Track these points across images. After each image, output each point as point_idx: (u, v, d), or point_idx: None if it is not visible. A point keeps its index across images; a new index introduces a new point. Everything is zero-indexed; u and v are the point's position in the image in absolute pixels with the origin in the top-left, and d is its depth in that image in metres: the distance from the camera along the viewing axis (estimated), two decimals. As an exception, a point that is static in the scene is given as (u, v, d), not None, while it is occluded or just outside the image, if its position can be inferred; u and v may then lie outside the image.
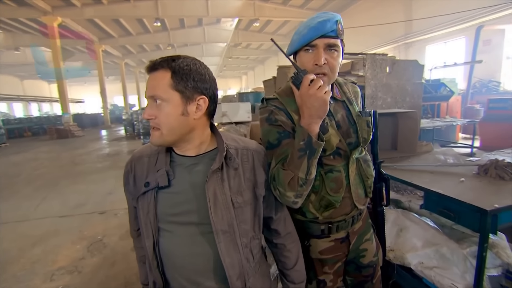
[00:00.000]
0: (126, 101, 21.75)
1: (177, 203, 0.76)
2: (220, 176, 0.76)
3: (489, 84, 7.02)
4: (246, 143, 0.85)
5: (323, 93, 0.80)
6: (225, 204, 0.75)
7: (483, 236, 1.33)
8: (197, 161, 0.78)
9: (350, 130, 0.99)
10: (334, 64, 0.89)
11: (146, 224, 0.77)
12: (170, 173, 0.76)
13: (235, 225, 0.76)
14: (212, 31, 17.43)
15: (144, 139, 8.60)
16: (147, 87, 0.72)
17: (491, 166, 1.76)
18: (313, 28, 0.86)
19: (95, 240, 3.04)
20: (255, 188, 0.81)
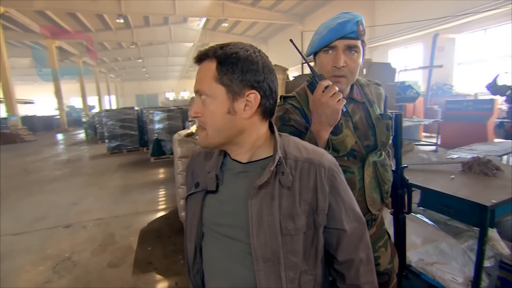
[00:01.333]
0: (85, 103, 20.17)
1: (222, 213, 0.67)
2: (270, 193, 0.62)
3: (444, 87, 7.75)
4: (311, 154, 0.67)
5: (336, 102, 0.79)
6: (272, 227, 0.61)
7: (483, 231, 1.39)
8: (248, 169, 0.67)
9: (369, 133, 0.97)
10: (353, 66, 0.87)
11: (191, 226, 0.72)
12: (219, 177, 0.68)
13: (280, 254, 0.62)
14: (178, 30, 16.86)
15: (109, 142, 7.97)
16: (195, 81, 0.63)
17: (475, 163, 1.86)
18: (333, 29, 0.84)
19: (61, 259, 2.70)
20: (314, 214, 0.65)
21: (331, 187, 0.66)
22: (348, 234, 0.68)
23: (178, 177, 2.83)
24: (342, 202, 0.67)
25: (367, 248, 0.71)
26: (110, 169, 6.31)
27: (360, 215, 0.71)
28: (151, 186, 4.85)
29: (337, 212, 0.67)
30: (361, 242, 0.70)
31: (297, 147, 0.68)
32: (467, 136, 4.78)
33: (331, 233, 0.69)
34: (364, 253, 0.70)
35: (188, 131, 3.34)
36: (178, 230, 3.09)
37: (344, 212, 0.68)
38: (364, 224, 0.71)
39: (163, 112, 7.10)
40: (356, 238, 0.69)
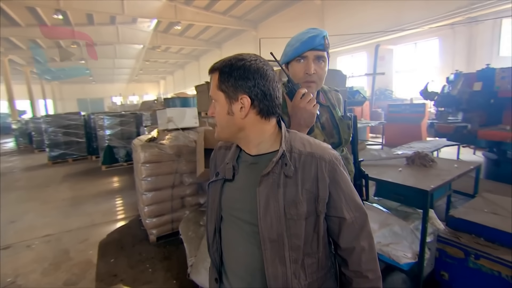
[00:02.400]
0: (13, 107, 17.65)
1: (236, 199, 0.78)
2: (276, 182, 0.71)
3: (385, 92, 8.74)
4: (314, 148, 0.75)
5: (312, 106, 0.95)
6: (277, 212, 0.70)
7: (425, 212, 1.65)
8: (257, 161, 0.76)
9: (333, 132, 1.15)
10: (321, 73, 1.04)
11: (212, 210, 0.82)
12: (236, 168, 0.79)
13: (284, 236, 0.70)
14: (127, 31, 15.87)
15: (51, 151, 7.16)
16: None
17: (416, 157, 2.19)
18: (305, 42, 1.01)
19: (4, 284, 2.38)
20: (315, 202, 0.72)
21: (332, 179, 0.73)
22: (349, 223, 0.74)
23: (142, 183, 2.72)
24: (342, 193, 0.74)
25: (369, 237, 0.76)
26: (54, 181, 5.69)
27: (361, 206, 0.77)
28: (106, 196, 4.52)
29: (337, 201, 0.74)
30: (363, 231, 0.75)
31: (302, 142, 0.76)
32: (405, 136, 5.47)
33: (333, 221, 0.75)
34: (366, 241, 0.75)
35: (149, 136, 3.23)
36: (142, 239, 2.96)
37: (344, 202, 0.74)
38: (366, 215, 0.77)
39: (115, 117, 6.65)
40: (358, 227, 0.75)
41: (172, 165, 2.81)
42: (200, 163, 2.45)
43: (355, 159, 1.26)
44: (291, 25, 11.62)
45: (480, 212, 1.75)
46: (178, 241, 2.69)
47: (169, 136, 2.87)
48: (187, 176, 2.87)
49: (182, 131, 2.98)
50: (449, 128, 3.84)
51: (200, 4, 13.09)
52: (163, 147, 2.76)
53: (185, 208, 2.94)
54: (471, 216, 1.70)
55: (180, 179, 2.87)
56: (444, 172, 1.94)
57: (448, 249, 1.66)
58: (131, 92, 30.33)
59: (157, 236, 2.86)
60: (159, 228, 2.86)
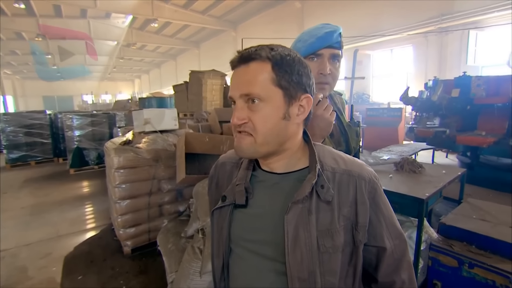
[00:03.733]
0: (-32, 104, 16.09)
1: (253, 228, 0.63)
2: (307, 207, 0.57)
3: (363, 96, 8.97)
4: (350, 165, 0.62)
5: (329, 114, 0.84)
6: (309, 245, 0.57)
7: (421, 220, 1.60)
8: (282, 181, 0.62)
9: (341, 139, 1.04)
10: (336, 74, 0.92)
11: (219, 242, 0.67)
12: (249, 190, 0.63)
13: (317, 274, 0.57)
14: (100, 26, 15.06)
15: (9, 153, 6.51)
16: (235, 84, 0.58)
17: (405, 163, 2.17)
18: (321, 38, 0.88)
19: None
20: (353, 230, 0.60)
21: (372, 201, 0.61)
22: (389, 253, 0.63)
23: (115, 191, 2.47)
24: (383, 217, 0.62)
25: (409, 267, 0.65)
26: (13, 186, 5.14)
27: (401, 232, 0.66)
28: (73, 203, 4.13)
29: (377, 228, 0.62)
30: (403, 261, 0.64)
31: (334, 158, 0.64)
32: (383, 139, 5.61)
33: (371, 251, 0.63)
34: (406, 273, 0.64)
35: (124, 138, 2.97)
36: (114, 251, 2.69)
37: (385, 228, 0.62)
38: (406, 242, 0.66)
39: (85, 117, 6.19)
40: (397, 257, 0.63)
41: (150, 170, 2.59)
42: (180, 168, 2.26)
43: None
44: (271, 27, 11.64)
45: (470, 219, 1.74)
46: (156, 252, 2.47)
47: (146, 139, 2.64)
48: (166, 183, 2.66)
49: (161, 134, 2.77)
50: (428, 133, 3.95)
51: (178, 2, 12.75)
52: (139, 151, 2.53)
53: (163, 216, 2.72)
54: (462, 223, 1.68)
55: (158, 185, 2.65)
56: (435, 178, 1.92)
57: (441, 258, 1.63)
58: (103, 91, 28.85)
59: (132, 248, 2.62)
60: (134, 239, 2.62)
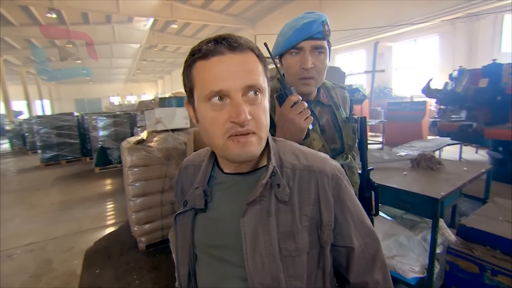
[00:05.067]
0: (8, 108, 17.41)
1: (214, 233, 0.59)
2: (266, 209, 0.54)
3: (384, 90, 8.60)
4: (311, 160, 0.58)
5: (303, 120, 0.77)
6: (269, 249, 0.52)
7: (435, 221, 1.49)
8: (241, 182, 0.58)
9: (335, 136, 0.97)
10: (321, 67, 0.87)
11: (183, 249, 0.63)
12: (208, 193, 0.60)
13: (281, 280, 0.53)
14: (123, 30, 15.70)
15: (44, 153, 6.98)
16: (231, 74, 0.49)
17: (421, 160, 2.03)
18: (299, 29, 0.82)
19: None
20: (318, 230, 0.56)
21: (337, 198, 0.57)
22: (359, 252, 0.58)
23: (129, 189, 2.56)
24: (350, 215, 0.58)
25: (383, 267, 0.61)
26: (46, 184, 5.51)
27: (372, 229, 0.62)
28: (97, 200, 4.34)
29: (344, 227, 0.58)
30: (376, 261, 0.60)
31: (295, 153, 0.60)
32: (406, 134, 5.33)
33: (340, 252, 0.59)
34: (380, 273, 0.60)
35: (138, 137, 3.06)
36: (130, 247, 2.79)
37: (353, 227, 0.58)
38: (378, 240, 0.62)
39: (108, 117, 6.48)
40: (369, 257, 0.59)
41: (161, 168, 2.64)
42: (190, 167, 2.29)
43: (363, 168, 1.09)
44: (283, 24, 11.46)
45: (495, 221, 1.60)
46: (169, 249, 2.53)
47: (157, 138, 2.70)
48: (178, 180, 2.70)
49: (172, 133, 2.82)
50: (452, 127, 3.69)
51: (196, 2, 12.93)
52: (151, 150, 2.59)
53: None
54: (485, 225, 1.55)
55: (170, 183, 2.70)
56: (454, 176, 1.78)
57: (460, 263, 1.51)
58: (128, 92, 30.14)
59: (146, 244, 2.70)
60: (148, 235, 2.70)
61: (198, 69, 0.51)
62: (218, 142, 0.52)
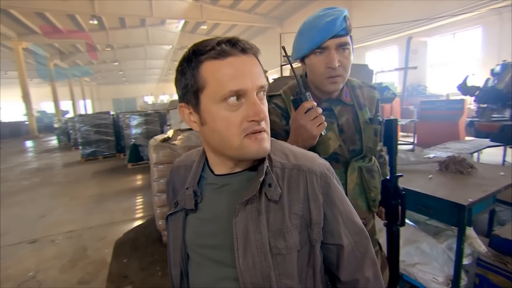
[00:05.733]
0: (57, 107, 19.12)
1: (205, 233, 0.60)
2: (256, 208, 0.54)
3: (418, 88, 8.09)
4: (300, 159, 0.60)
5: (315, 126, 0.76)
6: (260, 247, 0.53)
7: (461, 230, 1.39)
8: (231, 181, 0.59)
9: (356, 137, 0.94)
10: (346, 63, 0.85)
11: (175, 249, 0.63)
12: (198, 193, 0.60)
13: (272, 278, 0.53)
14: (156, 32, 16.45)
15: (84, 149, 7.58)
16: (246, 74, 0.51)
17: (451, 162, 1.90)
18: (323, 29, 0.80)
19: (25, 279, 2.47)
20: (308, 228, 0.57)
21: (326, 196, 0.58)
22: (349, 250, 0.59)
23: (154, 184, 2.70)
24: (340, 213, 0.59)
25: (373, 264, 0.62)
26: (85, 177, 5.98)
27: (362, 227, 0.62)
28: (128, 194, 4.63)
29: (334, 225, 0.59)
30: (366, 258, 0.61)
31: (284, 153, 0.61)
32: (441, 135, 4.97)
33: (330, 250, 0.60)
34: (371, 270, 0.61)
35: (165, 135, 3.21)
36: (155, 240, 2.94)
37: (342, 225, 0.59)
38: (368, 238, 0.63)
39: (140, 116, 6.85)
40: (360, 254, 0.60)
41: (184, 166, 2.75)
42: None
43: (392, 173, 1.04)
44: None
45: (533, 232, 1.45)
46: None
47: (181, 136, 2.81)
48: (200, 178, 2.80)
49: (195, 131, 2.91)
50: (492, 127, 3.37)
51: (225, 3, 13.16)
52: (175, 148, 2.71)
53: (197, 210, 2.88)
54: (521, 236, 1.41)
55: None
56: (487, 181, 1.63)
57: (492, 276, 1.39)
58: (161, 91, 31.55)
59: (170, 238, 2.82)
60: (171, 229, 2.82)
61: (211, 69, 0.51)
62: (234, 142, 0.52)
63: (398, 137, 6.54)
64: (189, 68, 0.53)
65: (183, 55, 0.55)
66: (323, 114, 0.89)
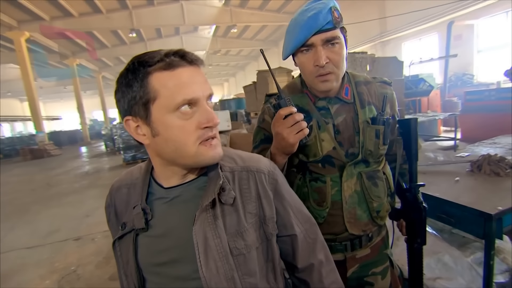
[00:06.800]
0: (106, 116, 21.05)
1: (160, 250, 0.58)
2: (212, 214, 0.55)
3: (463, 77, 7.25)
4: (247, 161, 0.62)
5: (294, 134, 0.71)
6: (221, 251, 0.54)
7: (489, 243, 1.21)
8: (182, 193, 0.59)
9: (355, 139, 0.85)
10: (337, 59, 0.77)
11: (127, 277, 0.61)
12: (147, 211, 0.59)
13: (236, 279, 0.54)
14: (190, 39, 17.23)
15: (125, 154, 8.20)
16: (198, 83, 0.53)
17: (484, 162, 1.67)
18: (305, 25, 0.74)
19: (67, 272, 2.75)
20: (262, 224, 0.59)
21: (275, 192, 0.62)
22: (302, 238, 0.63)
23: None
24: (289, 206, 0.63)
25: (323, 248, 0.67)
26: (124, 180, 6.47)
27: (309, 216, 0.67)
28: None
29: (286, 217, 0.63)
30: (316, 243, 0.66)
31: (231, 157, 0.63)
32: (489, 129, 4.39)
33: (285, 241, 0.64)
34: (322, 253, 0.66)
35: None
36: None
37: (293, 216, 0.63)
38: (316, 224, 0.67)
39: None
40: (311, 241, 0.65)
41: (204, 169, 2.83)
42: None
43: (411, 182, 0.93)
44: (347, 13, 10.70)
45: None
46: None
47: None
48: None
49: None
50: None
51: (254, 4, 13.27)
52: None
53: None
54: None
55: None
56: (527, 185, 1.40)
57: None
58: (197, 96, 32.85)
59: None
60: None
61: (162, 80, 0.50)
62: (190, 149, 0.53)
63: (439, 132, 5.94)
64: (136, 79, 0.52)
65: (126, 67, 0.54)
66: (320, 113, 0.85)
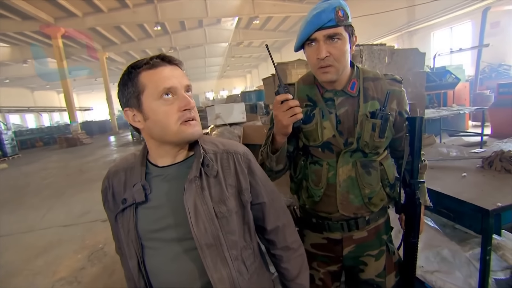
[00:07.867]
0: (132, 107, 21.95)
1: (157, 219, 0.71)
2: (199, 185, 0.70)
3: (499, 69, 6.70)
4: (227, 146, 0.78)
5: (287, 117, 0.83)
6: (208, 215, 0.69)
7: (486, 238, 1.22)
8: (174, 171, 0.73)
9: (354, 130, 0.93)
10: (338, 54, 0.86)
11: (128, 244, 0.72)
12: (146, 187, 0.71)
13: (221, 237, 0.69)
14: (213, 31, 17.39)
15: (149, 143, 8.61)
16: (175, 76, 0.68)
17: (496, 158, 1.63)
18: (310, 22, 0.85)
19: (96, 249, 3.04)
20: (240, 194, 0.75)
21: (249, 169, 0.77)
22: (269, 205, 0.80)
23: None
24: (259, 179, 0.79)
25: (286, 212, 0.85)
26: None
27: (274, 188, 0.84)
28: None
29: (257, 188, 0.78)
30: (281, 209, 0.83)
31: (213, 143, 0.78)
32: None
33: (257, 209, 0.80)
34: (285, 217, 0.84)
35: (206, 130, 3.48)
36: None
37: (262, 187, 0.79)
38: (279, 194, 0.85)
39: (194, 112, 7.42)
40: (277, 206, 0.82)
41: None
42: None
43: (412, 178, 0.98)
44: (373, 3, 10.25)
45: None
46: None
47: (216, 131, 3.02)
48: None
49: (229, 127, 3.08)
50: None
51: (276, -6, 13.06)
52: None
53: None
54: None
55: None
56: (536, 182, 1.36)
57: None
58: (221, 87, 33.25)
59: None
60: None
61: (148, 76, 0.66)
62: (173, 128, 0.67)
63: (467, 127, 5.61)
64: (130, 79, 0.68)
65: (123, 73, 0.70)
66: (326, 104, 0.95)
